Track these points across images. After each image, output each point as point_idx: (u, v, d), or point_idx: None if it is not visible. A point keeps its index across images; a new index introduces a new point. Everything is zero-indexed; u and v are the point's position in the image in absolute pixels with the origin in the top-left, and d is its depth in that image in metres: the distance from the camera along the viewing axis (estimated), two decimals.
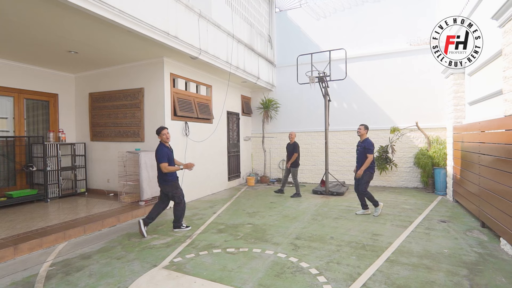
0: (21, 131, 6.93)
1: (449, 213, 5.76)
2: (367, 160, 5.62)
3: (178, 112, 6.83)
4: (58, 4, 3.88)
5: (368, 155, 5.62)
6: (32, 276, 3.39)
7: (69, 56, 6.29)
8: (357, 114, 9.29)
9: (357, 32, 9.35)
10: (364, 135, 5.79)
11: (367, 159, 5.63)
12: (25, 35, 5.04)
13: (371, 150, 5.63)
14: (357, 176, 5.74)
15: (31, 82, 7.03)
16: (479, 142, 4.94)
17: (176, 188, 4.95)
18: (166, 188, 4.89)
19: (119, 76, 7.19)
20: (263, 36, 10.01)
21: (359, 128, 5.81)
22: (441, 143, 7.98)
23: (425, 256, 3.74)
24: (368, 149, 5.63)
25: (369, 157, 5.61)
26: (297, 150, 7.58)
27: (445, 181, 7.45)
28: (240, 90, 10.04)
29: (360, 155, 5.75)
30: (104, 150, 7.50)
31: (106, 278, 3.30)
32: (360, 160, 5.75)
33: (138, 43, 5.56)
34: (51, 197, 6.79)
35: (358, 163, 5.83)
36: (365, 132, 5.78)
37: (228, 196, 7.87)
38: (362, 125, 5.82)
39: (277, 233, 4.77)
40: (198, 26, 6.34)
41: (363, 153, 5.69)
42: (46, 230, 4.60)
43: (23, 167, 6.74)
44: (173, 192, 4.91)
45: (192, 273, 3.38)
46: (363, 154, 5.68)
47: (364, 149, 5.67)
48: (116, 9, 4.35)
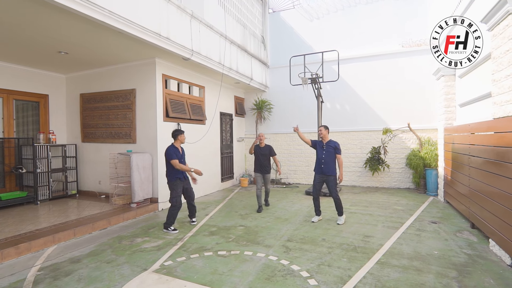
0: (11, 132, 6.81)
1: (440, 214, 5.81)
2: (340, 161, 5.37)
3: (170, 113, 6.78)
4: (47, 5, 3.82)
5: (339, 156, 5.37)
6: (19, 281, 3.33)
7: (59, 57, 6.20)
8: (349, 115, 9.34)
9: (350, 33, 9.40)
10: (326, 136, 5.48)
11: (340, 161, 5.37)
12: (14, 35, 4.95)
13: (340, 150, 5.42)
14: (339, 181, 5.39)
15: (21, 83, 6.92)
16: (469, 144, 4.99)
17: (173, 189, 5.04)
18: (169, 186, 5.10)
19: (110, 77, 7.12)
20: (257, 37, 10.00)
21: (320, 129, 5.51)
22: (433, 144, 8.06)
23: (415, 257, 3.77)
24: (339, 149, 5.36)
25: (340, 158, 5.37)
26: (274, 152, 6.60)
27: (437, 182, 7.53)
28: (233, 91, 10.01)
29: (329, 156, 5.36)
30: (95, 152, 7.42)
31: (95, 283, 3.25)
32: (329, 162, 5.34)
33: (130, 44, 5.51)
34: (41, 199, 6.69)
35: (325, 165, 5.35)
36: (326, 133, 5.47)
37: (221, 198, 7.84)
38: (322, 126, 5.54)
39: (269, 235, 4.76)
40: (190, 27, 6.30)
41: (332, 154, 5.35)
42: (35, 233, 4.53)
43: (12, 169, 6.63)
44: (170, 192, 5.08)
45: (183, 277, 3.36)
46: (333, 155, 5.36)
47: (334, 150, 5.34)
48: (106, 10, 4.30)
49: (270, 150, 6.49)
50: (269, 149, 6.49)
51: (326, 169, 5.36)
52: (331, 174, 5.34)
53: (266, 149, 6.46)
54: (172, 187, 5.06)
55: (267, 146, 6.51)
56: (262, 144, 6.47)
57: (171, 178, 5.05)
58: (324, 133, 5.48)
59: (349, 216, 5.80)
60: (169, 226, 5.04)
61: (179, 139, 5.16)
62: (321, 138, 5.56)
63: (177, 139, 5.16)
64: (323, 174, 5.40)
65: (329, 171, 5.35)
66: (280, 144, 10.36)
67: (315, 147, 5.62)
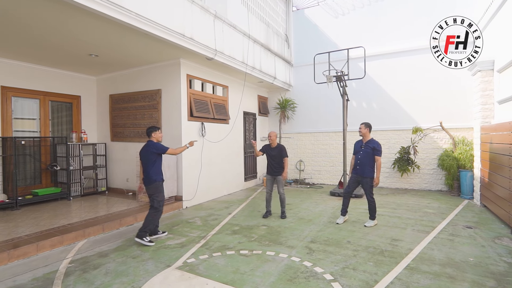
0: (46, 131, 7.23)
1: (476, 219, 5.44)
2: (378, 163, 5.02)
3: (194, 112, 6.88)
4: (79, 10, 3.99)
5: (378, 158, 5.03)
6: (52, 273, 3.50)
7: (90, 59, 6.49)
8: (377, 114, 9.00)
9: (377, 29, 9.06)
10: (367, 135, 5.19)
11: (377, 162, 5.03)
12: (49, 40, 5.24)
13: (380, 151, 5.05)
14: (375, 185, 5.11)
15: (56, 85, 7.33)
16: (510, 143, 4.63)
17: (159, 191, 4.55)
18: (149, 190, 4.51)
19: (137, 77, 7.35)
20: (280, 36, 9.91)
21: (360, 127, 5.20)
22: (468, 144, 7.57)
23: (448, 264, 3.54)
24: (378, 150, 5.02)
25: (379, 160, 5.03)
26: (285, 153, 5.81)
27: (472, 184, 7.06)
28: (256, 90, 10.00)
29: (366, 156, 5.09)
30: (123, 150, 7.69)
31: (121, 277, 3.35)
32: (365, 163, 5.08)
33: (155, 45, 5.65)
34: (73, 195, 7.04)
35: (360, 166, 5.13)
36: (367, 131, 5.16)
37: (244, 197, 7.85)
38: (363, 124, 5.20)
39: (292, 235, 4.68)
40: (213, 27, 6.35)
41: (370, 154, 5.05)
42: (67, 227, 4.76)
43: (47, 166, 7.03)
44: (155, 195, 4.50)
45: (205, 275, 3.37)
46: (371, 156, 5.06)
47: (372, 150, 5.04)
48: (133, 12, 4.42)
49: (280, 150, 5.74)
50: (279, 149, 5.75)
51: (361, 170, 5.11)
52: (366, 176, 5.08)
53: (276, 150, 5.76)
54: (159, 188, 4.57)
55: (278, 146, 5.79)
56: (274, 144, 5.80)
57: (158, 178, 4.55)
58: (364, 132, 5.16)
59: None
60: (145, 235, 4.39)
61: (153, 136, 4.65)
62: (361, 137, 5.28)
63: (152, 136, 4.65)
64: (358, 175, 5.18)
65: (364, 173, 5.10)
66: (304, 144, 10.21)
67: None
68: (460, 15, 4.49)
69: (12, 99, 6.58)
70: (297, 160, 10.32)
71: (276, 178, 5.77)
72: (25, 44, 5.44)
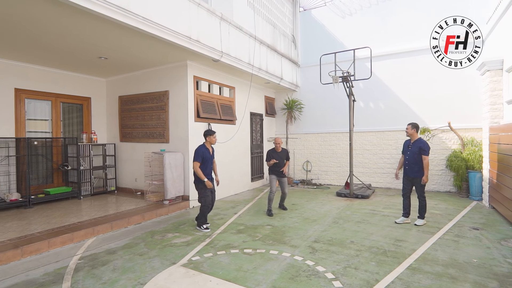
0: (58, 132, 7.45)
1: (484, 220, 5.38)
2: (425, 162, 5.01)
3: (201, 113, 6.99)
4: (89, 16, 4.13)
5: (425, 157, 5.02)
6: (62, 268, 3.64)
7: (100, 62, 6.66)
8: (384, 114, 8.95)
9: (385, 29, 9.01)
10: (414, 135, 5.21)
11: (424, 161, 5.02)
12: (60, 44, 5.42)
13: (427, 151, 5.04)
14: (423, 182, 5.05)
15: (67, 87, 7.55)
16: None
17: (200, 188, 5.04)
18: (195, 186, 5.11)
19: (145, 79, 7.50)
20: (287, 36, 9.95)
21: (407, 127, 5.26)
22: (477, 144, 7.47)
23: (451, 265, 3.53)
24: (424, 150, 5.02)
25: (426, 159, 5.01)
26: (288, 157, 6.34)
27: (481, 186, 6.96)
28: (263, 91, 10.06)
29: (413, 156, 5.14)
30: (132, 151, 7.86)
31: (128, 273, 3.46)
32: (412, 163, 5.15)
33: (162, 48, 5.77)
34: (84, 194, 7.23)
35: (408, 166, 5.21)
36: (414, 132, 5.20)
37: (250, 197, 7.92)
38: (410, 124, 5.25)
39: (296, 235, 4.73)
40: (219, 29, 6.44)
41: (417, 154, 5.08)
42: (77, 225, 4.91)
43: (59, 166, 7.24)
44: (198, 192, 5.11)
45: (209, 272, 3.45)
46: (417, 156, 5.08)
47: (419, 150, 5.06)
48: (140, 16, 4.55)
49: (287, 155, 6.27)
50: (286, 154, 6.25)
51: (410, 170, 5.20)
52: (416, 176, 5.13)
53: (284, 154, 6.20)
54: (200, 186, 5.04)
55: (284, 151, 6.25)
56: (279, 149, 6.18)
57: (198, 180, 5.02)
58: (411, 132, 5.21)
59: (381, 219, 5.58)
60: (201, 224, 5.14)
61: (208, 140, 5.15)
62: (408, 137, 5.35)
63: (207, 140, 5.16)
64: (408, 175, 5.27)
65: (412, 173, 5.17)
66: (311, 144, 10.22)
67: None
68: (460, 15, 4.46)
69: (26, 101, 6.81)
70: (304, 161, 10.34)
71: (281, 179, 6.20)
72: (38, 47, 5.64)
